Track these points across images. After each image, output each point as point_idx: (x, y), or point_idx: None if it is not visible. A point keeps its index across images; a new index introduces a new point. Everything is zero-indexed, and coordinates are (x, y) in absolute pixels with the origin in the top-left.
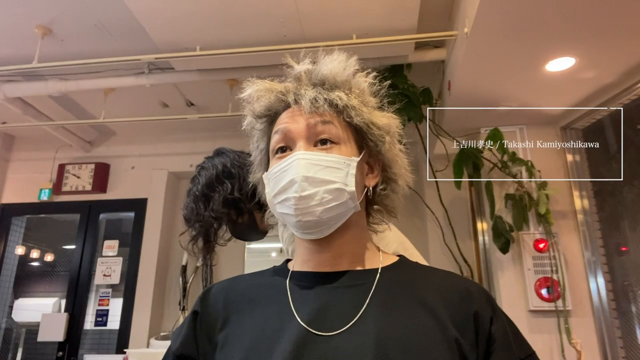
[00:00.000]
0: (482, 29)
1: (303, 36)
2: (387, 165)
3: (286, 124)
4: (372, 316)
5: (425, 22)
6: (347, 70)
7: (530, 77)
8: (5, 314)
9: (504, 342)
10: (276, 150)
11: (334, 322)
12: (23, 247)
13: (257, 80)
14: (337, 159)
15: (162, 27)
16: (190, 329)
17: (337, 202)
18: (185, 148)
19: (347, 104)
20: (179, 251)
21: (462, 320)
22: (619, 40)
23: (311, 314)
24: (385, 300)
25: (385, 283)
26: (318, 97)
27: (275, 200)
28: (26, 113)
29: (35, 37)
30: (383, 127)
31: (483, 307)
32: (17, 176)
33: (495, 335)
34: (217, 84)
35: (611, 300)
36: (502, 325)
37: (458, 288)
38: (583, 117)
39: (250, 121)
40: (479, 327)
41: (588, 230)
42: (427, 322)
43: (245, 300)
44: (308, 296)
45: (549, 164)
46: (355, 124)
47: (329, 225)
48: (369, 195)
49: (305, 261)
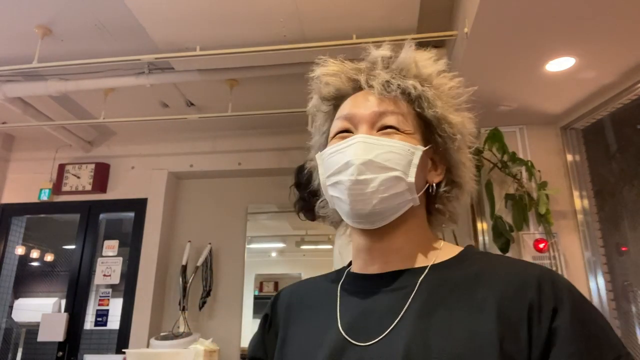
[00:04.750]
0: (482, 29)
1: (303, 36)
2: (453, 166)
3: (351, 108)
4: (407, 324)
5: (425, 22)
6: (432, 67)
7: (530, 77)
8: (5, 314)
9: (571, 340)
10: (336, 132)
11: (372, 331)
12: (23, 247)
13: (329, 59)
14: (400, 144)
15: (162, 27)
16: (259, 333)
17: (394, 192)
18: (185, 148)
19: (421, 94)
20: (179, 251)
21: (513, 317)
22: (619, 40)
23: (352, 321)
24: (426, 304)
25: (431, 284)
26: (392, 81)
27: (329, 181)
28: (26, 113)
29: (35, 37)
30: (456, 124)
31: (542, 297)
32: (17, 176)
33: (558, 331)
34: (217, 84)
35: (611, 300)
36: (573, 319)
37: (516, 277)
38: (583, 117)
39: (316, 103)
40: (532, 323)
41: (588, 230)
42: (472, 326)
43: (303, 305)
44: (353, 302)
45: (549, 164)
46: (426, 116)
47: (383, 216)
48: (432, 192)
49: (357, 259)
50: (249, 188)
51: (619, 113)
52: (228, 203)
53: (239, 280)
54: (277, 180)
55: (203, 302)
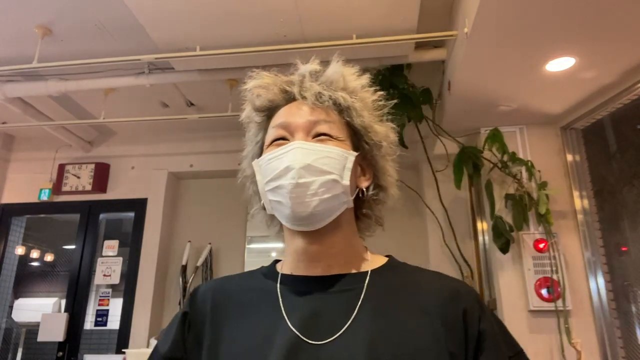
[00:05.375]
0: (482, 29)
1: (303, 36)
2: (379, 171)
3: (286, 117)
4: (362, 323)
5: (425, 22)
6: (356, 81)
7: (530, 77)
8: (5, 314)
9: (493, 340)
10: (272, 140)
11: (326, 330)
12: (23, 247)
13: (261, 72)
14: (336, 150)
15: (162, 27)
16: (179, 332)
17: (332, 194)
18: (185, 148)
19: (350, 104)
20: (179, 251)
21: (452, 320)
22: (619, 40)
23: (303, 320)
24: (375, 305)
25: (375, 287)
26: (323, 92)
27: (268, 187)
28: (26, 113)
29: (35, 37)
30: (380, 133)
31: (472, 306)
32: (17, 176)
33: (484, 333)
34: (217, 84)
35: (611, 300)
36: (491, 324)
37: (447, 288)
38: (583, 117)
39: (249, 113)
40: (468, 325)
41: (588, 230)
42: (417, 325)
43: (234, 304)
44: (299, 302)
45: (549, 164)
46: (355, 125)
47: (321, 217)
48: (360, 196)
49: (294, 261)
50: None
51: (619, 113)
52: (228, 203)
53: None
54: None
55: None
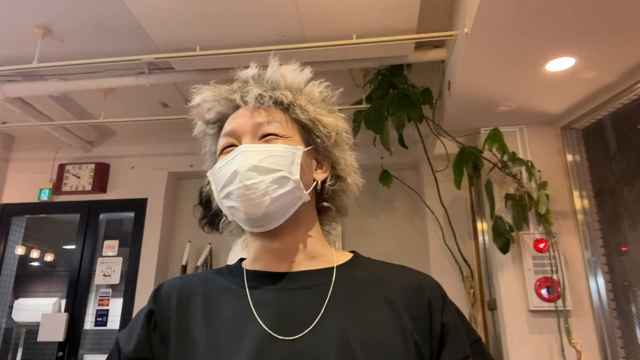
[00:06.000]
0: (482, 29)
1: (303, 36)
2: (335, 162)
3: (231, 125)
4: (332, 317)
5: (425, 22)
6: (299, 77)
7: (530, 77)
8: (5, 314)
9: (456, 330)
10: (222, 149)
11: (296, 325)
12: (23, 247)
13: (203, 87)
14: (282, 147)
15: (162, 27)
16: (144, 331)
17: (283, 191)
18: (185, 148)
19: (293, 101)
20: (179, 251)
21: (417, 312)
22: (619, 40)
23: (272, 317)
24: (343, 299)
25: (342, 281)
26: (263, 94)
27: (221, 194)
28: (26, 113)
29: (35, 37)
30: (329, 124)
31: (435, 297)
32: (17, 176)
33: (447, 325)
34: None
35: (611, 300)
36: (453, 314)
37: (412, 281)
38: (583, 117)
39: (201, 128)
40: (432, 316)
41: (588, 230)
42: (384, 317)
43: (200, 301)
44: (267, 298)
45: (549, 164)
46: (301, 121)
47: (276, 216)
48: (318, 189)
49: (259, 259)
50: None
51: (619, 113)
52: None
53: None
54: None
55: None
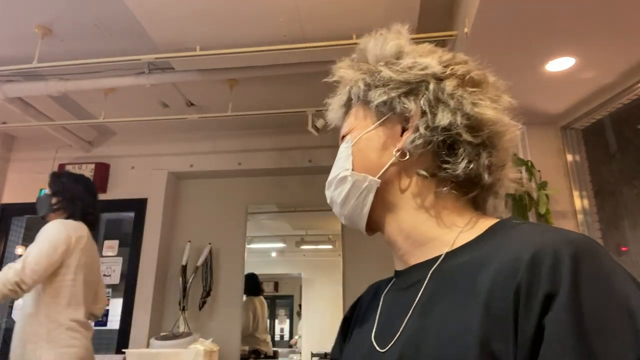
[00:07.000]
0: (482, 29)
1: (303, 36)
2: (425, 111)
3: None
4: (410, 325)
5: (425, 22)
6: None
7: (530, 77)
8: (5, 314)
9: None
10: None
11: (388, 336)
12: (23, 247)
13: None
14: (341, 148)
15: (162, 27)
16: (339, 335)
17: (345, 192)
18: (185, 148)
19: (352, 94)
20: (179, 251)
21: (498, 308)
22: (619, 40)
23: (380, 325)
24: (427, 300)
25: (440, 274)
26: (327, 102)
27: None
28: (26, 113)
29: (35, 37)
30: (386, 76)
31: (531, 282)
32: (17, 176)
33: (549, 325)
34: (217, 84)
35: None
36: (572, 309)
37: (510, 258)
38: (583, 117)
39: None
40: (518, 314)
41: (588, 230)
42: (462, 321)
43: (365, 306)
44: (385, 303)
45: (549, 164)
46: (370, 100)
47: (358, 217)
48: (407, 157)
49: None
50: (249, 188)
51: (619, 113)
52: (228, 203)
53: (238, 280)
54: (277, 180)
55: (203, 302)
